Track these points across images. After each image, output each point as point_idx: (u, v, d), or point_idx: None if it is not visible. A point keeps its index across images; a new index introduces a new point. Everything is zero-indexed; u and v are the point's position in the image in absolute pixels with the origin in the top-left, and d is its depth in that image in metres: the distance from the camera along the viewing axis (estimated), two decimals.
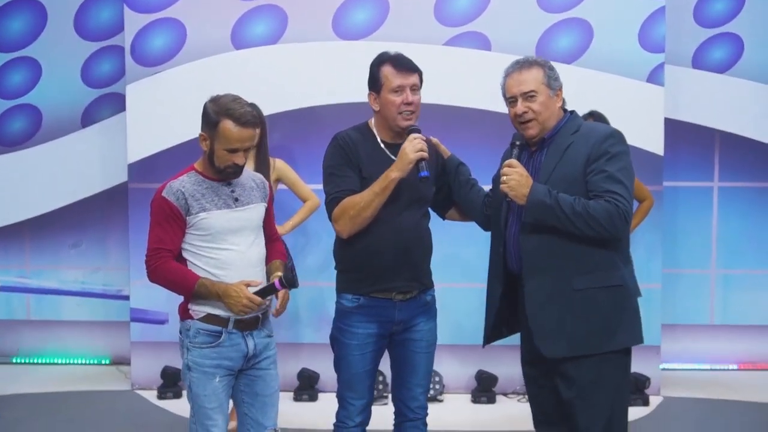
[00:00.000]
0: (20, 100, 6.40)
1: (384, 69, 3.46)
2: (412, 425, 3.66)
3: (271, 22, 5.73)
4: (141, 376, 5.89)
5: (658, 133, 5.65)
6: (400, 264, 3.48)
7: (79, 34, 6.34)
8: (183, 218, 3.28)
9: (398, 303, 3.52)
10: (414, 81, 3.45)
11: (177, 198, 3.27)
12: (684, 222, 6.23)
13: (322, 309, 5.76)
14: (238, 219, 3.34)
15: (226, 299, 3.24)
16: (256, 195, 3.45)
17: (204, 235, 3.30)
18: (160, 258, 3.28)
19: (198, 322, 3.33)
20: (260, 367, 3.43)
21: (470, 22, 5.70)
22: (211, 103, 3.31)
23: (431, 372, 3.73)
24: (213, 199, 3.31)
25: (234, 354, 3.34)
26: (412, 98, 3.43)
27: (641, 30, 5.64)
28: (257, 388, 3.45)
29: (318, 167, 5.49)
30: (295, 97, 5.72)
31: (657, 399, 5.66)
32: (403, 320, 3.56)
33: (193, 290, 3.26)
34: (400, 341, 3.62)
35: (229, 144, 3.25)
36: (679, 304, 6.23)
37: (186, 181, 3.32)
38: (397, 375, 3.68)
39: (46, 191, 6.41)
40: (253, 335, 3.39)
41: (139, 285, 5.74)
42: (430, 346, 3.67)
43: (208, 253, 3.31)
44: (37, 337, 6.50)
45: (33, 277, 6.51)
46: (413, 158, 3.34)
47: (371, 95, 3.51)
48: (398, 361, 3.66)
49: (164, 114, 5.75)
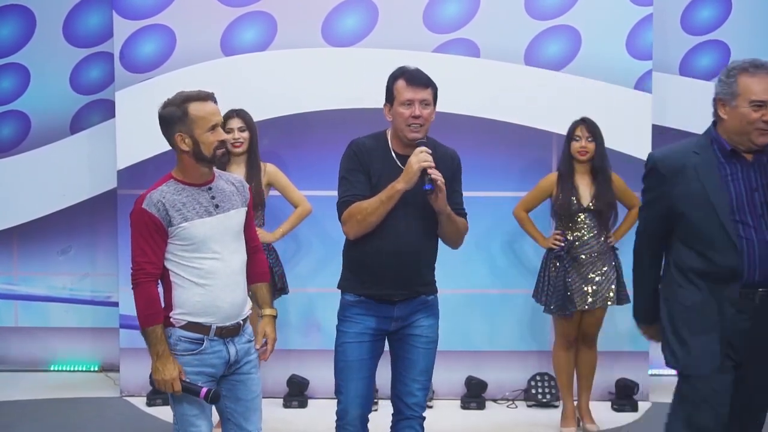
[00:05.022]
0: (9, 107, 6.36)
1: (397, 83, 3.58)
2: (408, 424, 3.67)
3: (261, 28, 5.73)
4: (130, 382, 5.87)
5: (645, 140, 5.65)
6: (396, 271, 3.58)
7: (67, 41, 6.30)
8: (165, 230, 3.27)
9: (397, 302, 3.63)
10: (424, 96, 3.55)
11: (158, 210, 3.25)
12: None
13: (312, 315, 5.78)
14: (219, 226, 3.33)
15: (159, 364, 3.24)
16: (236, 200, 3.44)
17: (186, 245, 3.29)
18: (142, 277, 3.29)
19: (179, 329, 3.32)
20: (241, 372, 3.43)
21: (459, 29, 5.72)
22: (166, 107, 3.34)
23: (430, 370, 3.73)
24: (194, 207, 3.30)
25: (216, 361, 3.34)
26: (420, 112, 3.53)
27: (629, 37, 5.67)
28: (239, 393, 3.44)
29: (308, 173, 5.55)
30: (284, 104, 5.72)
31: (646, 405, 5.68)
32: (402, 316, 3.65)
33: (146, 331, 3.27)
34: (399, 337, 3.69)
35: (207, 122, 3.28)
36: None
37: (165, 190, 3.30)
38: (395, 371, 3.73)
39: (35, 197, 6.37)
40: (234, 341, 3.39)
41: (128, 291, 5.45)
42: (430, 343, 3.70)
43: (191, 263, 3.30)
44: (25, 344, 6.46)
45: (21, 284, 6.47)
46: (416, 169, 3.43)
47: (386, 107, 3.64)
48: (397, 356, 3.72)
49: (153, 121, 5.45)
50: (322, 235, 5.69)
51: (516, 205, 5.35)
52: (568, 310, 5.07)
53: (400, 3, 5.73)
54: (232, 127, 5.02)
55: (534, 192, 5.30)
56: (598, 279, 5.09)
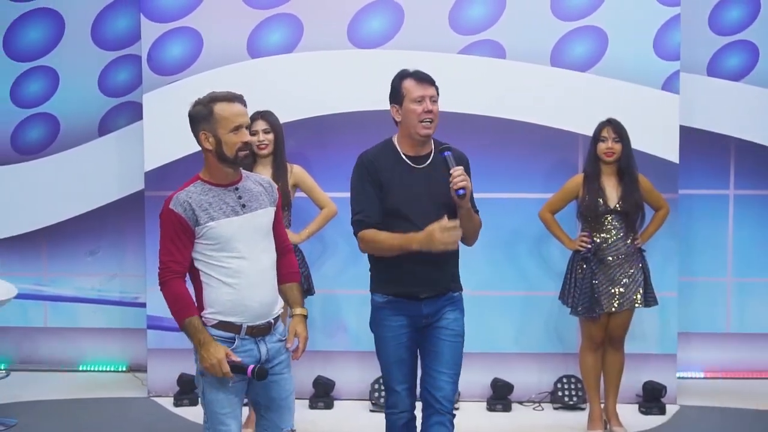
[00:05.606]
0: (38, 109, 6.44)
1: (405, 82, 3.69)
2: (438, 420, 3.70)
3: (287, 30, 5.75)
4: (157, 383, 5.90)
5: (673, 141, 5.63)
6: (423, 269, 3.65)
7: (96, 44, 6.38)
8: (191, 229, 3.31)
9: (424, 299, 3.71)
10: (433, 92, 3.68)
11: (184, 209, 3.30)
12: (699, 230, 6.19)
13: (338, 316, 5.79)
14: (246, 225, 3.36)
15: (203, 351, 3.26)
16: (264, 200, 3.46)
17: (214, 244, 3.33)
18: (168, 275, 3.34)
19: (211, 328, 3.34)
20: (274, 372, 3.43)
21: (485, 31, 5.70)
22: (194, 106, 3.40)
23: (458, 365, 3.78)
24: (221, 207, 3.33)
25: (247, 360, 3.35)
26: (432, 107, 3.64)
27: (656, 38, 5.63)
28: (272, 392, 3.47)
29: (333, 174, 5.58)
30: (310, 106, 5.74)
31: (673, 408, 5.63)
32: (431, 313, 3.74)
33: (182, 325, 3.31)
34: (428, 333, 3.77)
35: (230, 122, 3.32)
36: (695, 313, 6.18)
37: (192, 191, 3.35)
38: (424, 366, 3.80)
39: (63, 199, 6.44)
40: (266, 340, 3.42)
41: (156, 292, 5.53)
42: (456, 336, 3.77)
43: (219, 262, 3.34)
44: (53, 344, 6.53)
45: (50, 285, 6.54)
46: (437, 249, 3.48)
47: (393, 108, 3.73)
48: (424, 350, 3.79)
49: (180, 123, 5.55)
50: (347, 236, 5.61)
51: (542, 207, 5.32)
52: (595, 312, 5.04)
53: (426, 4, 5.73)
54: (257, 129, 5.04)
55: (560, 194, 5.28)
56: (625, 281, 5.07)
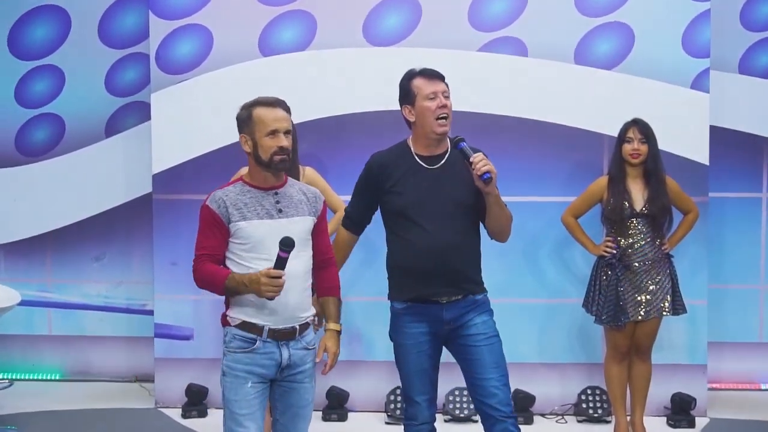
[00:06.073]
0: (43, 109, 6.49)
1: (415, 81, 3.75)
2: (502, 428, 3.68)
3: (300, 28, 5.78)
4: (165, 393, 5.93)
5: (703, 142, 5.64)
6: (438, 271, 3.69)
7: (103, 42, 6.43)
8: (225, 226, 3.47)
9: (444, 304, 3.73)
10: (444, 88, 3.73)
11: (218, 206, 3.47)
12: (731, 234, 6.17)
13: (351, 325, 5.76)
14: (280, 230, 3.44)
15: (252, 285, 3.37)
16: (303, 208, 3.58)
17: (244, 244, 3.47)
18: (198, 263, 3.51)
19: (234, 328, 3.50)
20: (295, 379, 3.56)
21: (506, 27, 5.71)
22: (239, 110, 3.59)
23: (502, 365, 3.76)
24: (255, 209, 3.48)
25: (267, 362, 3.48)
26: (446, 102, 3.70)
27: (685, 34, 5.63)
28: (291, 399, 3.59)
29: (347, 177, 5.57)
30: (324, 106, 5.76)
31: (703, 420, 5.62)
32: (453, 318, 3.74)
33: (224, 285, 3.43)
34: (457, 343, 3.78)
35: (267, 126, 3.47)
36: (727, 321, 6.17)
37: (231, 190, 3.52)
38: (467, 377, 3.79)
39: (69, 202, 6.49)
40: (289, 346, 3.51)
41: (164, 299, 5.79)
42: (490, 338, 3.77)
43: (247, 263, 3.46)
44: (58, 353, 6.59)
45: (55, 291, 6.58)
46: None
47: (405, 108, 3.78)
48: (462, 361, 3.79)
49: (190, 123, 5.82)
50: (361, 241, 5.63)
51: (564, 210, 5.35)
52: (620, 321, 5.05)
53: (444, 0, 5.75)
54: None
55: (583, 197, 5.30)
56: (652, 288, 5.07)
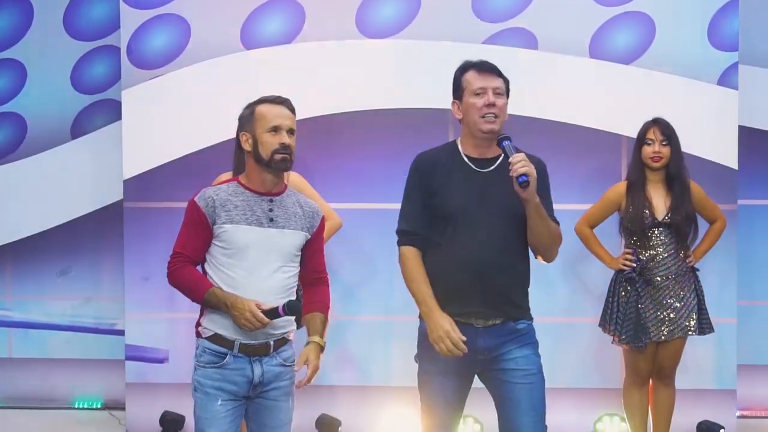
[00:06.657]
0: (3, 108, 6.44)
1: (466, 74, 3.70)
2: None
3: (287, 18, 5.76)
4: (137, 422, 5.85)
5: (731, 144, 5.62)
6: (476, 288, 3.58)
7: (69, 33, 6.39)
8: (209, 227, 3.51)
9: (480, 329, 3.61)
10: (497, 84, 3.67)
11: (206, 204, 3.51)
12: (762, 246, 6.15)
13: (344, 346, 5.75)
14: (267, 240, 3.51)
15: (233, 310, 3.43)
16: (297, 222, 3.60)
17: (226, 249, 3.50)
18: (177, 264, 3.54)
19: (205, 340, 3.55)
20: (269, 396, 3.60)
21: (514, 17, 5.70)
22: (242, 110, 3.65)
23: (539, 407, 3.66)
24: (245, 213, 3.51)
25: (238, 378, 3.52)
26: (494, 100, 3.63)
27: (711, 25, 5.63)
28: (264, 419, 3.62)
29: (338, 183, 5.52)
30: (313, 103, 5.67)
31: None
32: (488, 348, 3.62)
33: (204, 298, 3.49)
34: (492, 377, 3.68)
35: (268, 122, 3.53)
36: (758, 342, 6.12)
37: (223, 189, 3.56)
38: (499, 414, 3.70)
39: (31, 211, 6.43)
40: (263, 362, 3.55)
41: (135, 318, 5.77)
42: (530, 376, 3.65)
43: (225, 269, 3.51)
44: (19, 378, 6.52)
45: (15, 309, 6.53)
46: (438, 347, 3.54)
47: (455, 104, 3.74)
48: (497, 398, 3.70)
49: (165, 123, 5.81)
50: (354, 254, 5.67)
51: (579, 220, 5.31)
52: (641, 342, 5.00)
53: None
54: None
55: (600, 204, 5.26)
56: (676, 305, 5.03)
